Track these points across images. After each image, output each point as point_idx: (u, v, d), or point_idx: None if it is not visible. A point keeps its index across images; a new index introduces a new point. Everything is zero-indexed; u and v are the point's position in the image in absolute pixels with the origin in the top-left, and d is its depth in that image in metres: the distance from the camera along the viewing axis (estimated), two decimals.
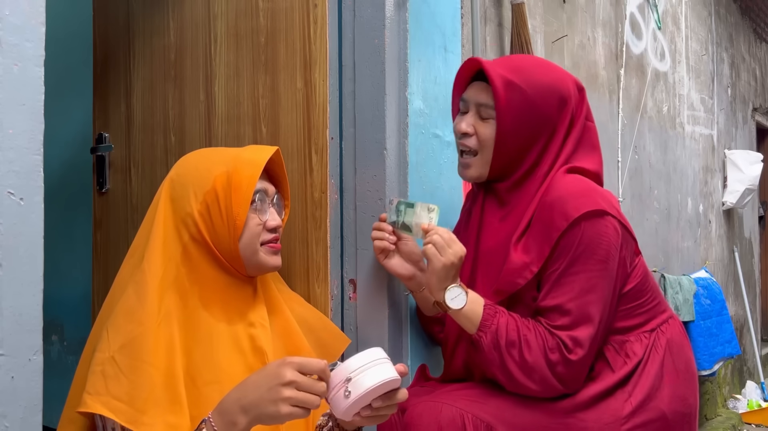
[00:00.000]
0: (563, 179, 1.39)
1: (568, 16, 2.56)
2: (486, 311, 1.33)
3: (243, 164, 1.22)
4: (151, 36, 1.97)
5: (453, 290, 1.34)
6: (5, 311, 0.95)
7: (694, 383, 1.44)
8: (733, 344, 3.54)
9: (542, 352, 1.29)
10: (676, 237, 3.55)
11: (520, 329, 1.31)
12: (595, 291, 1.31)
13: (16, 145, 0.97)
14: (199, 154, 1.30)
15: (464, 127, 1.43)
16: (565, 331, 1.29)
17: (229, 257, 1.22)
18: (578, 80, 1.48)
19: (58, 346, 2.95)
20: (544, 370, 1.29)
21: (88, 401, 1.10)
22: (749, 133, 5.13)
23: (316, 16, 1.62)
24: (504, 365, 1.31)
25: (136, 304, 1.15)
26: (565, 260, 1.31)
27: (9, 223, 0.96)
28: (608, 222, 1.33)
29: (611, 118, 2.87)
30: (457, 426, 1.27)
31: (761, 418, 4.00)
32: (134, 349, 1.12)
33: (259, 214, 1.25)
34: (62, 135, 2.80)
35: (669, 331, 1.42)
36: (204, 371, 1.16)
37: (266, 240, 1.26)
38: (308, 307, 1.44)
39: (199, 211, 1.20)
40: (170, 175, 1.26)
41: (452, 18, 1.85)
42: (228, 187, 1.20)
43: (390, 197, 1.55)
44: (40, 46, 1.00)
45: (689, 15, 3.84)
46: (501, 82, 1.37)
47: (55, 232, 2.10)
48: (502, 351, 1.30)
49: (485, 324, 1.32)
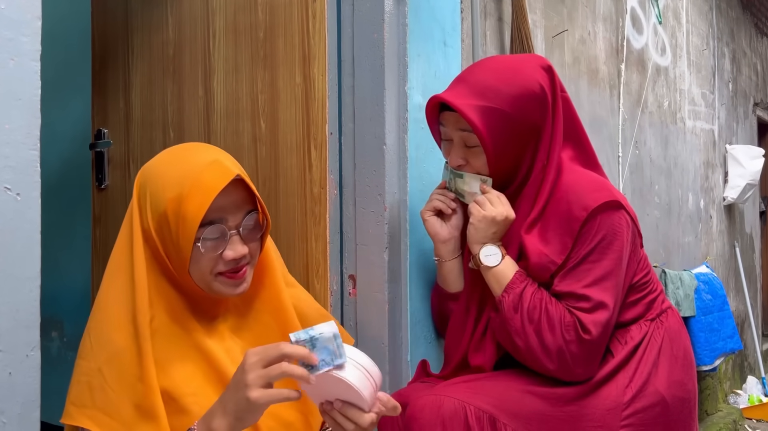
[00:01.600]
0: (573, 173, 1.41)
1: (568, 11, 2.55)
2: (516, 276, 1.37)
3: (195, 190, 1.07)
4: (149, 31, 1.96)
5: (490, 247, 1.39)
6: (2, 307, 0.95)
7: (693, 370, 1.46)
8: (734, 339, 3.54)
9: (560, 329, 1.31)
10: (677, 233, 3.54)
11: (544, 300, 1.34)
12: (610, 279, 1.34)
13: (13, 140, 0.97)
14: (166, 159, 1.17)
15: (456, 161, 1.44)
16: (583, 313, 1.32)
17: (182, 280, 1.14)
18: (542, 59, 1.47)
19: (57, 342, 2.95)
20: (561, 346, 1.31)
21: (74, 413, 1.06)
22: (750, 128, 5.12)
23: (314, 10, 1.61)
24: (524, 331, 1.33)
25: (121, 315, 1.10)
26: (583, 248, 1.35)
27: (5, 219, 0.96)
28: (622, 215, 1.37)
29: (612, 112, 2.86)
30: (460, 418, 1.28)
31: (762, 413, 4.00)
32: (121, 362, 1.07)
33: (211, 248, 1.10)
34: (61, 131, 2.79)
35: (667, 321, 1.45)
36: (179, 382, 1.11)
37: (221, 271, 1.12)
38: (311, 307, 1.39)
39: (155, 229, 1.11)
40: (138, 178, 1.17)
41: (452, 12, 1.84)
42: (177, 216, 1.08)
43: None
44: (36, 41, 1.00)
45: (690, 9, 3.83)
46: (474, 112, 1.35)
47: (55, 228, 2.10)
48: (523, 317, 1.34)
49: (511, 287, 1.36)
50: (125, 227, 1.16)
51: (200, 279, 1.12)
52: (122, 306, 1.11)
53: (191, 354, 1.14)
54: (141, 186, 1.15)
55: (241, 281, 1.15)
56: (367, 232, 1.60)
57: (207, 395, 1.11)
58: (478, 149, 1.40)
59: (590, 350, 1.32)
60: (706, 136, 4.09)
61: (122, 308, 1.11)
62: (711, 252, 4.06)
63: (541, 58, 1.48)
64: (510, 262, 1.39)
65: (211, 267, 1.11)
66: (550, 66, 1.45)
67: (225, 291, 1.13)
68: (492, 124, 1.36)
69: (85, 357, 1.09)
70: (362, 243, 1.61)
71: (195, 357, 1.14)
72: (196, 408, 1.08)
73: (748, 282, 4.64)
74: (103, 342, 1.09)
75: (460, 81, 1.43)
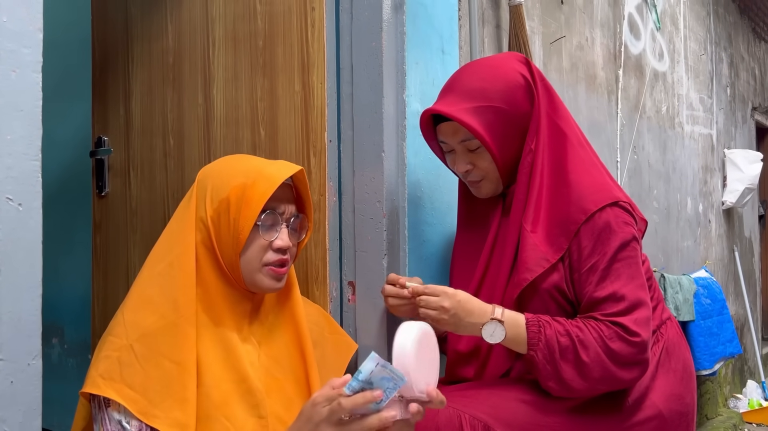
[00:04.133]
0: (575, 171, 1.39)
1: (566, 17, 2.56)
2: (530, 329, 1.30)
3: (261, 179, 1.19)
4: (149, 40, 1.97)
5: (488, 328, 1.30)
6: (4, 316, 0.95)
7: (692, 383, 1.45)
8: (734, 343, 3.54)
9: (601, 346, 1.27)
10: (676, 237, 3.55)
11: (571, 332, 1.29)
12: (638, 276, 1.32)
13: (15, 150, 0.97)
14: (228, 159, 1.29)
15: (463, 167, 1.45)
16: (624, 316, 1.28)
17: (230, 267, 1.21)
18: (517, 54, 1.49)
19: (58, 349, 2.96)
20: (605, 363, 1.26)
21: (101, 384, 1.09)
22: (748, 133, 5.13)
23: (313, 19, 1.62)
24: (558, 374, 1.28)
25: (160, 297, 1.15)
26: (603, 250, 1.31)
27: (8, 229, 0.96)
28: (620, 213, 1.35)
29: (610, 118, 2.87)
30: (455, 426, 1.28)
31: (762, 417, 4.00)
32: (154, 341, 1.12)
33: (265, 233, 1.21)
34: (61, 138, 2.80)
35: (667, 332, 1.44)
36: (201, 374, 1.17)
37: (269, 262, 1.22)
38: (321, 322, 1.43)
39: (211, 216, 1.20)
40: (203, 171, 1.26)
41: (450, 20, 1.85)
42: (240, 200, 1.18)
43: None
44: (37, 52, 1.01)
45: (688, 15, 3.84)
46: (468, 116, 1.37)
47: (55, 235, 2.11)
48: (557, 362, 1.28)
49: (533, 343, 1.29)
50: (176, 221, 1.23)
51: (249, 263, 1.20)
52: (162, 290, 1.16)
53: (215, 346, 1.19)
54: (201, 180, 1.24)
55: (283, 275, 1.25)
56: (366, 239, 1.61)
57: (220, 387, 1.16)
58: (481, 150, 1.42)
59: (641, 349, 1.27)
60: (705, 140, 4.10)
61: (162, 293, 1.16)
62: (710, 256, 4.07)
63: (515, 53, 1.52)
64: (512, 321, 1.31)
65: (261, 256, 1.21)
66: (526, 58, 1.48)
67: (267, 284, 1.23)
68: (488, 122, 1.38)
69: (117, 335, 1.14)
70: (361, 250, 1.62)
71: (217, 349, 1.19)
72: (203, 398, 1.13)
73: (747, 286, 4.64)
74: (137, 322, 1.14)
75: (446, 91, 1.46)
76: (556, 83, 2.44)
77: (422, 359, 1.02)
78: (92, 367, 1.13)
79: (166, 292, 1.16)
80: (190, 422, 1.10)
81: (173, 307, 1.15)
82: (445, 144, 1.48)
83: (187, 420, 1.10)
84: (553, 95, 1.47)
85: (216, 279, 1.21)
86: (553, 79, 2.41)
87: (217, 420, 1.14)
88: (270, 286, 1.23)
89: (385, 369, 0.96)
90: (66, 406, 2.52)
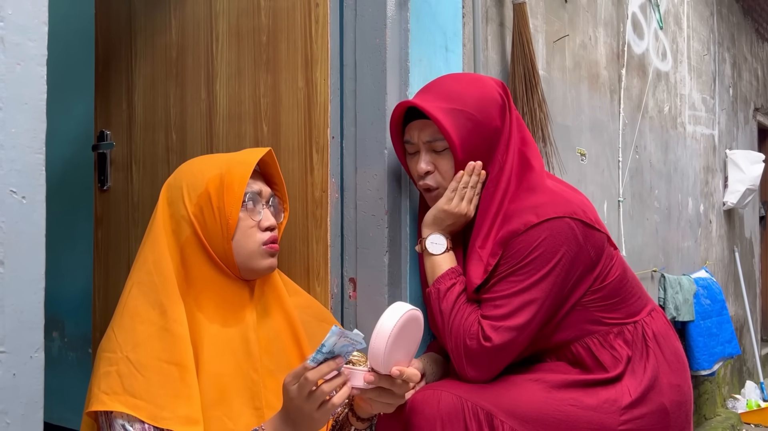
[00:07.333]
0: (527, 192, 1.42)
1: (569, 16, 2.56)
2: (448, 271, 1.43)
3: (234, 165, 1.24)
4: (152, 34, 1.97)
5: (438, 236, 1.45)
6: (7, 309, 0.95)
7: (686, 371, 1.47)
8: (733, 344, 3.54)
9: (463, 333, 1.35)
10: (677, 237, 3.55)
11: (458, 303, 1.38)
12: (532, 295, 1.34)
13: (19, 143, 0.98)
14: (195, 160, 1.32)
15: (424, 167, 1.46)
16: (490, 321, 1.34)
17: (222, 257, 1.23)
18: (495, 79, 1.52)
19: (58, 343, 2.96)
20: (459, 348, 1.35)
21: (106, 400, 1.10)
22: (750, 133, 5.13)
23: (317, 15, 1.62)
24: (440, 322, 1.40)
25: (145, 306, 1.17)
26: (514, 262, 1.35)
27: (11, 222, 0.96)
28: (564, 224, 1.35)
29: (612, 117, 2.87)
30: (457, 413, 1.29)
31: (760, 418, 4.00)
32: (149, 348, 1.13)
33: (252, 215, 1.26)
34: (64, 132, 2.80)
35: (653, 324, 1.45)
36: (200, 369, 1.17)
37: (265, 241, 1.26)
38: (312, 308, 1.44)
39: (193, 212, 1.21)
40: (168, 181, 1.29)
41: (453, 17, 1.85)
42: (220, 188, 1.22)
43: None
44: (42, 46, 1.01)
45: (691, 15, 3.84)
46: (441, 113, 1.40)
47: (57, 229, 2.11)
48: (442, 312, 1.39)
49: (440, 280, 1.42)
50: (148, 233, 1.25)
51: (242, 246, 1.23)
52: (146, 299, 1.18)
53: (211, 341, 1.21)
54: (171, 185, 1.26)
55: (276, 252, 1.30)
56: (367, 235, 1.61)
57: (218, 382, 1.19)
58: (446, 153, 1.44)
59: (486, 356, 1.33)
60: (707, 140, 4.10)
61: (146, 301, 1.17)
62: (710, 256, 4.07)
63: (495, 78, 1.54)
64: (450, 257, 1.45)
65: (253, 233, 1.25)
66: (502, 82, 1.52)
67: (264, 264, 1.26)
68: (459, 125, 1.40)
69: (111, 350, 1.15)
70: (363, 247, 1.62)
71: (214, 343, 1.21)
72: (201, 393, 1.16)
73: (747, 287, 4.64)
74: (128, 334, 1.16)
75: (424, 91, 1.49)
76: (559, 82, 2.44)
77: (400, 341, 1.08)
78: (93, 386, 1.14)
79: (150, 299, 1.17)
80: (198, 417, 1.11)
81: (160, 312, 1.16)
82: (410, 144, 1.49)
83: (196, 415, 1.11)
84: (522, 126, 1.51)
85: (210, 271, 1.22)
86: (555, 77, 2.41)
87: (214, 415, 1.16)
88: (268, 265, 1.27)
89: (346, 338, 1.03)
90: (65, 400, 2.52)
